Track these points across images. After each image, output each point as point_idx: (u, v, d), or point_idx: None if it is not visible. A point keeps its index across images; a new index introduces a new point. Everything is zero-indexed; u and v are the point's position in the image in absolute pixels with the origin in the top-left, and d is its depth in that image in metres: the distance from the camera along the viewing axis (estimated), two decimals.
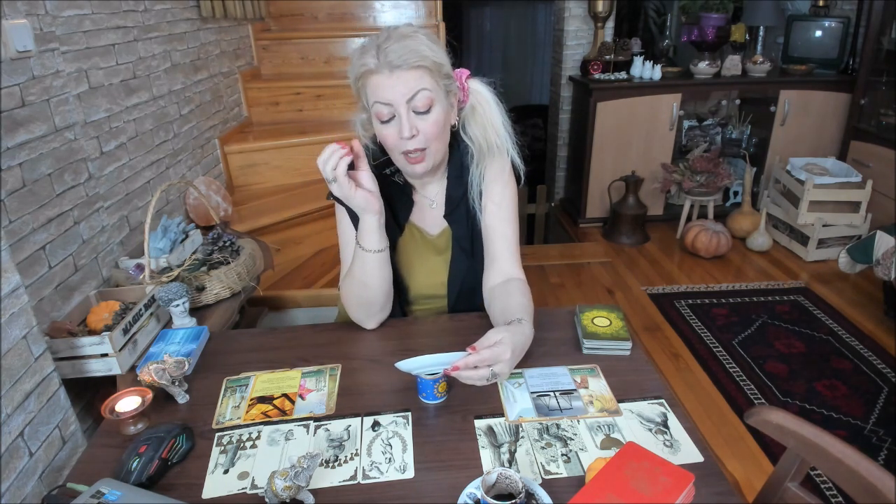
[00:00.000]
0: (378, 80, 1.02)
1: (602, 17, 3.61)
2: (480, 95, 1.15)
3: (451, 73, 1.09)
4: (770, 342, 2.55)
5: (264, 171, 2.71)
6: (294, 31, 3.24)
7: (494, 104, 1.15)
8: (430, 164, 1.10)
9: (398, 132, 1.04)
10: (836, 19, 3.54)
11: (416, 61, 1.00)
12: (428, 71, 1.02)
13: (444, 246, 1.25)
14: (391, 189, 1.19)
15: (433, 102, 1.04)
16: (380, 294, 1.15)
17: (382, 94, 1.02)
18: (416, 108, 1.03)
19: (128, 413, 0.92)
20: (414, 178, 1.21)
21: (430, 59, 1.02)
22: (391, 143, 1.07)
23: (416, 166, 1.09)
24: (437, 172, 1.20)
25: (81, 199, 1.54)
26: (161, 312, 1.47)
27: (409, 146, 1.05)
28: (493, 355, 0.91)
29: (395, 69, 1.00)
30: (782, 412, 0.88)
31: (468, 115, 1.16)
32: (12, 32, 1.30)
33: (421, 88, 1.02)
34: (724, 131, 3.87)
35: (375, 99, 1.03)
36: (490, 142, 1.16)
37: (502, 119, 1.16)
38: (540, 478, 0.83)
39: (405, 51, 1.00)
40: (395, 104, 1.02)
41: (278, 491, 0.76)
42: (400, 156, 1.08)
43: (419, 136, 1.05)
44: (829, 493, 1.77)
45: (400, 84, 1.01)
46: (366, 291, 1.14)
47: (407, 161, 1.08)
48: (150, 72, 1.98)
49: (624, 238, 3.57)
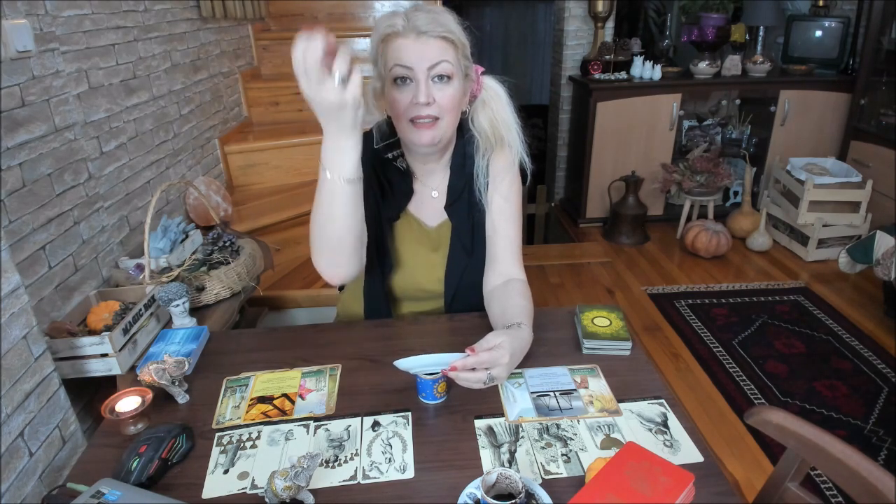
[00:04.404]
0: (402, 42, 1.01)
1: (602, 17, 3.61)
2: (493, 91, 1.15)
3: (470, 57, 1.09)
4: (770, 342, 2.55)
5: (264, 171, 2.71)
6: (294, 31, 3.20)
7: (506, 102, 1.15)
8: (437, 136, 1.07)
9: (411, 97, 1.03)
10: (836, 19, 3.54)
11: (442, 32, 1.01)
12: (452, 45, 1.03)
13: (443, 240, 1.22)
14: (391, 173, 1.18)
15: (453, 76, 1.04)
16: (349, 235, 1.02)
17: (405, 56, 1.01)
18: (436, 74, 1.02)
19: (128, 413, 0.92)
20: (416, 163, 1.18)
21: (457, 35, 1.03)
22: (401, 107, 1.04)
23: (424, 132, 1.05)
24: (440, 157, 1.18)
25: (81, 199, 1.54)
26: (161, 312, 1.47)
27: (421, 111, 1.03)
28: (492, 358, 0.91)
29: (422, 35, 1.00)
30: (782, 412, 0.88)
31: (478, 108, 1.16)
32: (12, 32, 1.30)
33: (443, 59, 1.02)
34: (724, 131, 3.87)
35: (396, 62, 1.02)
36: (498, 135, 1.16)
37: (513, 117, 1.15)
38: (540, 478, 0.83)
39: (433, 20, 1.00)
40: (416, 69, 1.01)
41: (278, 491, 0.76)
42: (408, 123, 1.05)
43: (434, 105, 1.03)
44: (829, 494, 1.77)
45: (425, 49, 1.01)
46: (333, 227, 1.00)
47: (414, 127, 1.05)
48: (150, 72, 1.98)
49: (624, 238, 3.57)
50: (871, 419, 2.08)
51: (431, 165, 1.19)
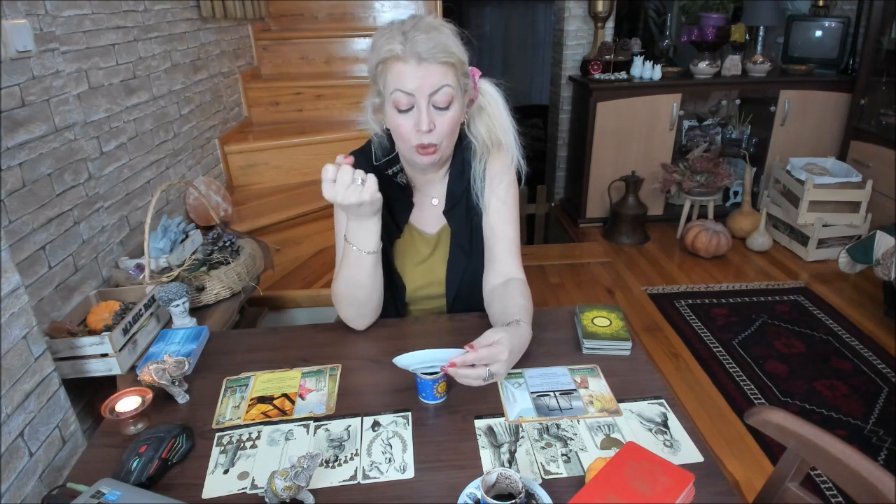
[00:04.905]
0: (404, 68, 1.00)
1: (602, 17, 3.61)
2: (490, 96, 1.15)
3: (469, 71, 1.09)
4: (770, 342, 2.55)
5: (264, 171, 2.71)
6: (294, 31, 3.24)
7: (503, 106, 1.16)
8: (437, 158, 1.09)
9: (414, 123, 1.03)
10: (836, 19, 3.54)
11: (444, 57, 1.00)
12: (453, 68, 1.02)
13: (442, 244, 1.24)
14: (392, 189, 1.19)
15: (453, 100, 1.04)
16: (374, 293, 1.14)
17: (406, 83, 1.01)
18: (436, 104, 1.03)
19: (128, 413, 0.92)
20: (416, 175, 1.20)
21: (457, 57, 1.03)
22: (405, 132, 1.05)
23: (426, 158, 1.08)
24: (440, 169, 1.19)
25: (81, 199, 1.54)
26: (161, 312, 1.47)
27: (423, 140, 1.05)
28: (491, 354, 0.91)
29: (423, 61, 0.99)
30: (782, 412, 0.88)
31: (475, 114, 1.16)
32: (12, 32, 1.30)
33: (445, 84, 1.02)
34: (724, 131, 3.87)
35: (397, 87, 1.02)
36: (495, 139, 1.17)
37: (510, 121, 1.16)
38: (540, 478, 0.83)
39: (434, 44, 0.99)
40: (417, 96, 1.01)
41: (278, 491, 0.76)
42: (411, 147, 1.07)
43: (435, 132, 1.04)
44: (829, 494, 1.77)
45: (427, 76, 1.00)
46: (360, 290, 1.13)
47: (417, 152, 1.07)
48: (150, 72, 1.98)
49: (624, 238, 3.57)
50: (871, 419, 2.08)
51: (431, 175, 1.21)
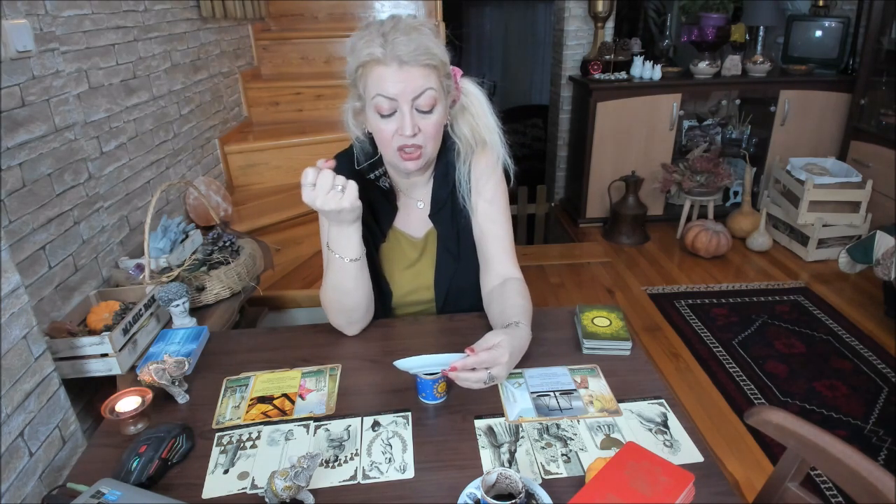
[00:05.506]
0: (384, 72, 0.98)
1: (602, 17, 3.61)
2: (472, 95, 1.14)
3: (451, 72, 1.08)
4: (770, 342, 2.55)
5: (264, 171, 2.71)
6: (294, 31, 3.24)
7: (486, 105, 1.14)
8: (422, 163, 1.08)
9: (397, 128, 1.02)
10: (836, 19, 3.54)
11: (426, 59, 0.98)
12: (435, 70, 1.01)
13: (430, 248, 1.23)
14: (374, 193, 1.17)
15: (436, 102, 1.02)
16: (362, 300, 1.13)
17: (388, 87, 0.99)
18: (419, 107, 1.01)
19: (128, 413, 0.92)
20: (400, 178, 1.19)
21: (439, 58, 1.01)
22: (387, 136, 1.04)
23: (409, 163, 1.06)
24: (425, 172, 1.18)
25: (81, 199, 1.54)
26: (161, 312, 1.47)
27: (406, 143, 1.03)
28: (491, 358, 0.91)
29: (404, 64, 0.97)
30: (782, 412, 0.88)
31: (457, 114, 1.15)
32: (12, 32, 1.30)
33: (428, 87, 1.00)
34: (724, 131, 3.87)
35: (379, 91, 1.00)
36: (479, 138, 1.15)
37: (494, 119, 1.14)
38: (540, 478, 0.83)
39: (415, 46, 0.97)
40: (400, 100, 1.00)
41: (278, 491, 0.76)
42: (395, 151, 1.05)
43: (419, 135, 1.03)
44: (829, 494, 1.77)
45: (409, 80, 0.98)
46: (348, 298, 1.11)
47: (401, 157, 1.06)
48: (150, 72, 1.98)
49: (624, 238, 3.57)
50: (871, 419, 2.08)
51: (415, 179, 1.19)
